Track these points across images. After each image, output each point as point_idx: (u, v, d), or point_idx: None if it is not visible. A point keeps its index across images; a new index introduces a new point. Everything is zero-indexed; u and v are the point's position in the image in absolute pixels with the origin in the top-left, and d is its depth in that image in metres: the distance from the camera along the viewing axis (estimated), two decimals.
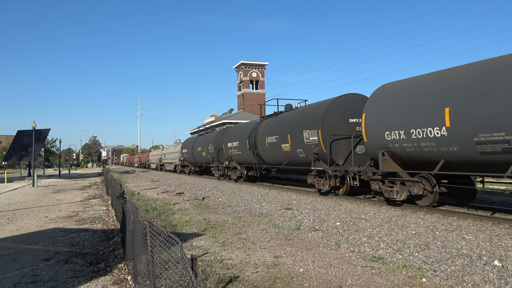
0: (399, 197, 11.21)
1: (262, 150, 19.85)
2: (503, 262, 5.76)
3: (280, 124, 18.14)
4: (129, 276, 6.01)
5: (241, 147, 22.59)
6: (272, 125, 19.05)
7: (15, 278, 6.11)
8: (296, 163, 17.21)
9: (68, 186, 27.89)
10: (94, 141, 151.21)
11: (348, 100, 14.74)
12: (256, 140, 20.48)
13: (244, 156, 22.44)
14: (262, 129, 20.09)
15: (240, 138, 23.00)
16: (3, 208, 15.13)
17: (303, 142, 15.57)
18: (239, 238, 8.27)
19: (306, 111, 16.32)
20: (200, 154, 31.68)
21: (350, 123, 14.44)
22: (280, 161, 18.37)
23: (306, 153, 15.65)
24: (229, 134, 25.68)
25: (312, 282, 5.43)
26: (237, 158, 23.82)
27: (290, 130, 16.75)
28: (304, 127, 15.46)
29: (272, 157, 19.10)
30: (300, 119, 16.19)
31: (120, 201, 8.15)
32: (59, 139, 53.76)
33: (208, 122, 79.01)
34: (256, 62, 73.76)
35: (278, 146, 17.83)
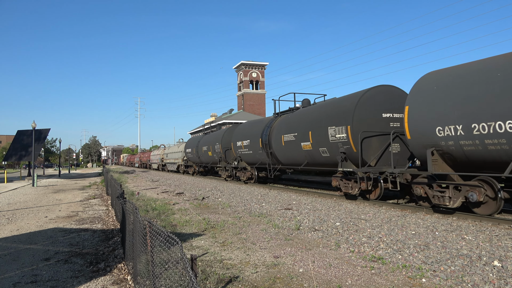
0: (452, 203, 9.64)
1: (277, 149, 18.16)
2: (503, 263, 5.76)
3: (299, 121, 16.34)
4: (129, 276, 6.02)
5: (253, 146, 20.81)
6: (289, 122, 17.27)
7: (15, 278, 6.11)
8: (318, 163, 15.50)
9: (68, 186, 27.89)
10: (94, 141, 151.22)
11: (381, 93, 13.06)
12: (270, 138, 18.78)
13: (256, 156, 20.70)
14: (277, 126, 18.28)
15: (251, 136, 21.18)
16: (3, 208, 15.13)
17: (327, 140, 13.94)
18: (239, 238, 8.27)
19: (332, 105, 14.55)
20: (206, 154, 29.75)
21: (383, 119, 12.80)
22: (299, 161, 16.66)
23: (330, 152, 14.03)
24: (238, 132, 23.78)
25: (312, 282, 5.43)
26: (248, 158, 22.05)
27: (311, 126, 15.08)
28: (330, 123, 13.78)
29: (288, 157, 17.41)
30: (325, 114, 14.43)
31: (120, 201, 8.16)
32: (59, 139, 53.80)
33: (208, 122, 79.02)
34: (256, 62, 73.78)
35: (296, 145, 16.17)
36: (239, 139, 22.91)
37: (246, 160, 22.51)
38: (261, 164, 20.50)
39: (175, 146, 46.06)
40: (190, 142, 36.46)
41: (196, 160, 34.02)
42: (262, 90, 74.58)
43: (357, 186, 12.95)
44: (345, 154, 13.26)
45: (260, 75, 74.47)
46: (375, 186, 12.86)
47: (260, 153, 20.05)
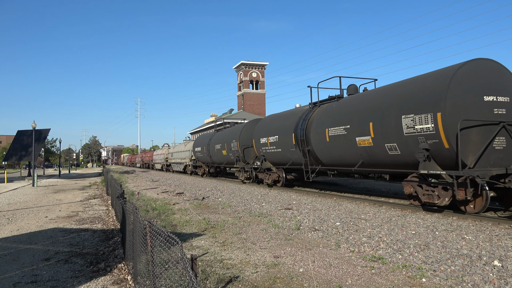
0: None
1: (317, 147, 14.79)
2: (503, 262, 5.76)
3: (352, 110, 13.05)
4: (129, 276, 6.02)
5: (282, 143, 17.47)
6: (336, 112, 13.94)
7: (15, 278, 6.11)
8: (381, 163, 12.05)
9: (68, 186, 27.89)
10: (94, 141, 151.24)
11: (480, 68, 9.81)
12: (307, 133, 15.39)
13: (286, 155, 17.41)
14: (318, 118, 14.91)
15: (280, 131, 17.76)
16: (3, 208, 15.13)
17: (399, 132, 10.71)
18: (239, 238, 8.28)
19: (406, 87, 11.12)
20: (219, 153, 26.35)
21: (485, 103, 9.48)
22: (350, 160, 13.34)
23: (403, 149, 10.79)
24: (262, 127, 20.26)
25: (312, 282, 5.43)
26: (274, 157, 18.68)
27: (373, 116, 11.79)
28: (404, 111, 10.53)
29: (334, 156, 14.18)
30: (396, 99, 11.12)
31: (120, 201, 8.16)
32: (59, 139, 53.80)
33: (208, 122, 79.04)
34: (256, 62, 73.82)
35: (347, 140, 12.97)
36: (263, 135, 19.47)
37: (272, 160, 19.20)
38: (293, 164, 17.30)
39: (182, 144, 42.52)
40: (199, 140, 32.96)
41: (207, 160, 30.43)
42: (262, 90, 74.58)
43: (447, 195, 9.83)
44: (428, 152, 9.98)
45: (260, 75, 74.48)
46: (475, 194, 9.61)
47: (293, 152, 16.72)
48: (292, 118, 17.24)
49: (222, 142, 25.73)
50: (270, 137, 18.75)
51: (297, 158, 16.62)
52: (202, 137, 32.73)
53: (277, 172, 18.90)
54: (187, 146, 38.35)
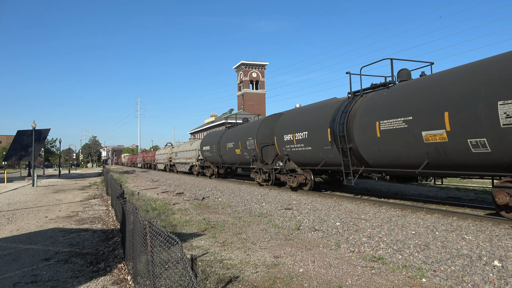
0: None
1: (363, 143, 12.29)
2: (503, 263, 5.76)
3: (417, 97, 10.43)
4: (129, 276, 6.01)
5: (313, 140, 15.05)
6: (390, 101, 11.43)
7: (15, 278, 6.11)
8: (457, 164, 9.78)
9: (68, 186, 27.89)
10: (94, 141, 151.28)
11: None
12: (349, 127, 12.88)
13: (318, 154, 14.92)
14: (363, 109, 12.41)
15: (310, 126, 15.29)
16: (3, 208, 15.13)
17: (493, 124, 8.41)
18: (239, 238, 8.27)
19: (505, 64, 8.52)
20: (232, 152, 24.02)
21: None
22: (409, 160, 10.91)
23: (497, 146, 8.48)
24: (286, 122, 17.56)
25: (312, 282, 5.43)
26: (302, 156, 16.18)
27: (449, 104, 9.41)
28: (503, 96, 8.20)
29: (387, 154, 11.56)
30: (486, 81, 8.65)
31: (120, 201, 8.16)
32: (59, 139, 53.80)
33: (208, 122, 79.06)
34: (256, 62, 73.84)
35: (409, 135, 10.49)
36: (288, 131, 16.92)
37: (298, 160, 16.75)
38: (326, 165, 14.90)
39: (187, 143, 40.03)
40: (208, 138, 30.55)
41: (217, 160, 27.91)
42: (262, 90, 74.60)
43: None
44: None
45: (260, 75, 74.50)
46: None
47: (327, 150, 14.23)
48: (325, 110, 14.72)
49: (236, 140, 23.31)
50: (297, 133, 16.14)
51: (333, 158, 14.24)
52: (211, 135, 30.29)
53: (304, 174, 16.54)
54: (193, 145, 35.98)
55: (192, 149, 35.44)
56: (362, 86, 13.40)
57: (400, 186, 18.93)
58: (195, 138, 41.38)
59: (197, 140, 36.50)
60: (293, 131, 16.49)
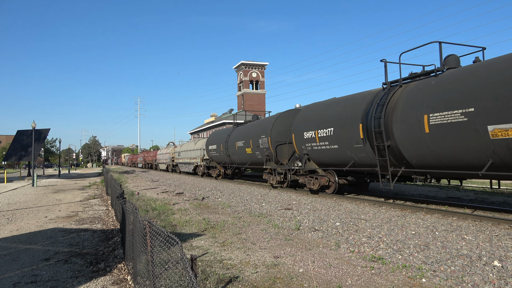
0: None
1: (406, 140, 10.61)
2: (503, 263, 5.76)
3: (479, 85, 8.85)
4: (128, 276, 6.01)
5: (340, 138, 13.39)
6: (443, 90, 9.75)
7: (15, 278, 6.11)
8: None
9: (68, 186, 27.88)
10: (94, 141, 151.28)
11: None
12: (387, 122, 11.16)
13: (346, 153, 13.28)
14: (407, 100, 10.70)
15: (337, 121, 13.63)
16: (3, 208, 15.13)
17: None
18: (239, 238, 8.27)
19: None
20: (241, 151, 22.55)
21: None
22: (467, 160, 9.35)
23: None
24: (307, 117, 15.91)
25: (312, 282, 5.43)
26: (326, 156, 14.57)
27: None
28: None
29: (438, 153, 9.94)
30: None
31: (120, 201, 8.16)
32: (59, 139, 53.83)
33: (208, 122, 79.06)
34: (256, 62, 73.85)
35: (469, 130, 8.92)
36: (309, 127, 15.33)
37: (321, 160, 15.12)
38: (355, 165, 13.30)
39: (191, 142, 38.27)
40: (214, 137, 28.82)
41: (224, 160, 26.27)
42: (262, 90, 74.62)
43: None
44: None
45: (260, 75, 74.53)
46: None
47: (358, 149, 12.65)
48: (355, 104, 13.06)
49: (246, 138, 21.70)
50: (320, 130, 14.56)
51: (364, 158, 12.58)
52: (218, 133, 28.62)
53: (327, 176, 14.90)
54: (198, 144, 34.24)
55: (196, 149, 33.87)
56: (401, 75, 11.69)
57: (400, 186, 18.94)
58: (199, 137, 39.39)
59: (202, 139, 35.01)
60: (315, 128, 14.88)
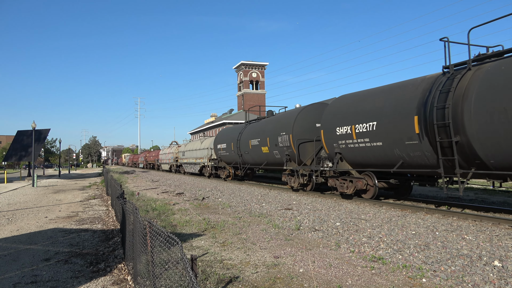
0: None
1: (485, 134, 8.83)
2: (503, 263, 5.76)
3: None
4: (129, 276, 6.01)
5: (385, 133, 11.47)
6: None
7: (15, 278, 6.11)
8: None
9: (68, 186, 27.88)
10: (94, 141, 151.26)
11: None
12: (457, 113, 9.34)
13: (394, 151, 11.29)
14: (486, 85, 8.86)
15: (382, 114, 11.64)
16: (3, 208, 15.12)
17: None
18: (239, 238, 8.27)
19: None
20: (256, 150, 20.50)
21: None
22: None
23: None
24: (339, 110, 13.88)
25: (312, 282, 5.43)
26: (363, 155, 12.61)
27: None
28: None
29: None
30: None
31: (120, 201, 8.15)
32: (59, 139, 53.80)
33: (208, 122, 79.06)
34: (256, 62, 73.88)
35: None
36: (343, 122, 13.31)
37: (356, 160, 13.18)
38: (405, 167, 11.28)
39: (197, 141, 35.99)
40: (223, 135, 26.72)
41: (235, 160, 24.26)
42: (262, 90, 74.62)
43: None
44: None
45: (260, 75, 74.53)
46: None
47: (412, 146, 10.62)
48: (408, 92, 10.98)
49: (262, 136, 19.61)
50: (358, 124, 12.57)
51: (419, 157, 10.60)
52: (228, 131, 26.58)
53: (364, 178, 12.93)
54: (204, 143, 32.12)
55: (203, 148, 31.71)
56: (470, 55, 9.90)
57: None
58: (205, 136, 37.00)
59: (209, 138, 33.06)
60: (351, 122, 12.87)
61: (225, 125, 63.57)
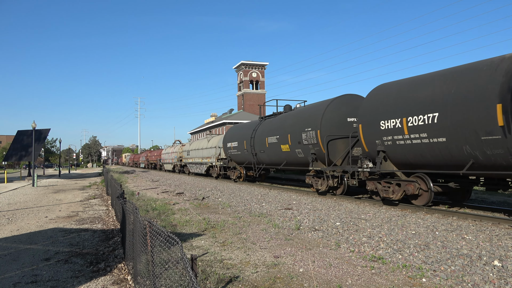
0: None
1: None
2: (503, 262, 5.76)
3: None
4: (129, 276, 6.02)
5: (452, 126, 9.40)
6: None
7: (15, 278, 6.11)
8: None
9: (68, 186, 27.89)
10: (94, 141, 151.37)
11: None
12: None
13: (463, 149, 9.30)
14: None
15: (445, 103, 9.56)
16: (3, 208, 15.13)
17: None
18: (239, 238, 8.28)
19: None
20: (275, 149, 18.46)
21: None
22: None
23: None
24: (383, 100, 11.73)
25: (312, 282, 5.43)
26: (415, 153, 10.62)
27: None
28: None
29: None
30: None
31: (120, 201, 8.16)
32: (59, 139, 53.80)
33: (208, 122, 79.07)
34: (256, 62, 73.89)
35: None
36: (390, 114, 11.19)
37: (407, 159, 11.08)
38: (477, 168, 9.36)
39: (203, 140, 33.57)
40: (234, 133, 24.75)
41: (248, 159, 22.30)
42: (262, 90, 74.63)
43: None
44: None
45: (260, 75, 74.54)
46: None
47: (490, 142, 8.61)
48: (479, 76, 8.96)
49: (282, 132, 17.66)
50: (411, 117, 10.45)
51: (500, 155, 8.55)
52: (239, 128, 24.54)
53: (416, 181, 10.95)
54: (212, 141, 30.07)
55: (210, 147, 29.66)
56: None
57: None
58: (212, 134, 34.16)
59: (217, 136, 31.07)
60: (401, 114, 10.81)
61: (225, 125, 63.61)
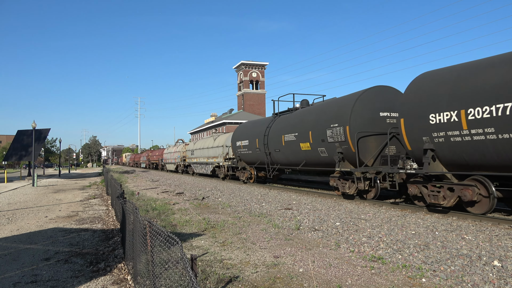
0: None
1: None
2: (503, 262, 5.76)
3: None
4: (129, 276, 6.02)
5: None
6: None
7: (15, 278, 6.11)
8: None
9: (68, 186, 27.89)
10: (94, 141, 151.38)
11: None
12: None
13: None
14: None
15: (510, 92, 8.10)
16: (3, 207, 15.13)
17: None
18: (239, 238, 8.28)
19: None
20: (292, 147, 16.73)
21: None
22: None
23: None
24: (430, 89, 10.13)
25: (312, 282, 5.43)
26: (474, 152, 9.05)
27: None
28: None
29: None
30: None
31: (120, 201, 8.16)
32: (59, 139, 53.80)
33: (208, 122, 79.06)
34: (256, 62, 73.89)
35: None
36: (441, 106, 9.61)
37: (460, 159, 9.51)
38: None
39: (209, 138, 31.74)
40: (244, 130, 23.04)
41: (260, 159, 20.55)
42: (262, 90, 74.64)
43: None
44: None
45: (260, 75, 74.54)
46: None
47: None
48: None
49: (301, 129, 15.90)
50: (471, 109, 8.86)
51: None
52: (250, 126, 22.72)
53: (475, 185, 9.35)
54: (218, 140, 28.32)
55: (217, 146, 27.88)
56: None
57: None
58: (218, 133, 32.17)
59: (224, 134, 29.40)
60: (457, 106, 9.16)
61: (225, 125, 63.62)
